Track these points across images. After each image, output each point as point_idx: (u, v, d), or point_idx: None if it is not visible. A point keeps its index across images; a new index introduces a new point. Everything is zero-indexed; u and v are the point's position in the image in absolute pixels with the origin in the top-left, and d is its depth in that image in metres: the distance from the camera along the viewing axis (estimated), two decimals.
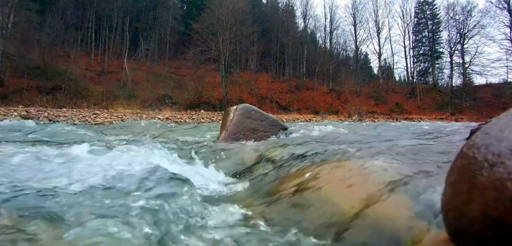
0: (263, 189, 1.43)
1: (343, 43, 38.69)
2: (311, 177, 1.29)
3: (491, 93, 26.71)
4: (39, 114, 9.18)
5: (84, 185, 1.24)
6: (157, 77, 27.17)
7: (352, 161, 1.35)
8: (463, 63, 28.99)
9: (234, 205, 1.22)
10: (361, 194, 1.01)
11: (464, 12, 28.62)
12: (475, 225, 0.47)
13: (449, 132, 3.69)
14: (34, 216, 0.92)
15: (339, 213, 0.97)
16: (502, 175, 0.45)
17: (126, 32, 28.76)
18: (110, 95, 21.39)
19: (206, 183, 1.57)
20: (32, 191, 1.16)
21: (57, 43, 23.49)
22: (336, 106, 26.72)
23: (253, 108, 3.56)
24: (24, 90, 18.05)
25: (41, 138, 3.92)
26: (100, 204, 1.05)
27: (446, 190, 0.57)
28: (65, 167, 1.54)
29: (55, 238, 0.83)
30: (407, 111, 26.19)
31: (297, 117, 18.27)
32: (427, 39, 34.04)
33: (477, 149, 0.52)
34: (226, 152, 2.24)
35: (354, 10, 35.17)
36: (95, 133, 5.09)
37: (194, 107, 22.09)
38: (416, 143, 2.21)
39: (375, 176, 1.12)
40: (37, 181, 1.31)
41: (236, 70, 27.25)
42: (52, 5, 24.14)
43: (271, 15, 36.75)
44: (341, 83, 30.23)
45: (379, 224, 0.85)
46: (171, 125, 8.27)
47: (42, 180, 1.32)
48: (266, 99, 26.59)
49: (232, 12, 25.69)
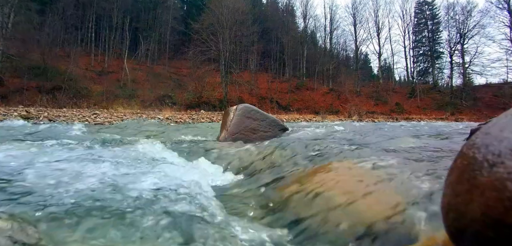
0: (262, 188, 1.43)
1: (343, 43, 38.76)
2: (311, 177, 1.28)
3: (491, 93, 26.70)
4: (39, 114, 9.18)
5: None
6: (157, 77, 27.17)
7: (352, 160, 1.35)
8: (463, 63, 28.98)
9: (233, 204, 1.22)
10: (361, 194, 1.01)
11: (464, 12, 28.66)
12: (475, 225, 0.47)
13: (450, 132, 3.69)
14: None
15: (338, 213, 0.97)
16: (502, 175, 0.45)
17: (126, 32, 28.76)
18: (110, 95, 21.39)
19: (205, 183, 1.57)
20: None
21: (57, 43, 23.48)
22: (336, 107, 26.73)
23: (253, 108, 3.56)
24: (24, 90, 18.05)
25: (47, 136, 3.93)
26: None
27: (446, 190, 0.57)
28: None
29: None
30: (407, 111, 26.20)
31: (297, 118, 18.28)
32: (427, 39, 34.04)
33: (477, 149, 0.52)
34: (226, 152, 2.24)
35: (354, 10, 35.22)
36: (90, 133, 5.10)
37: (194, 107, 22.10)
38: (416, 143, 2.21)
39: (374, 175, 1.12)
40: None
41: (236, 70, 27.23)
42: (52, 5, 24.15)
43: (271, 15, 36.76)
44: (341, 83, 30.23)
45: (379, 224, 0.85)
46: (171, 124, 8.27)
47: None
48: (266, 99, 26.60)
49: (232, 12, 25.68)
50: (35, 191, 1.17)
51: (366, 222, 0.88)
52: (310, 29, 38.27)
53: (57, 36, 23.57)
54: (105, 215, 0.95)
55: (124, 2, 29.45)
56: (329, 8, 44.15)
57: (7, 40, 19.12)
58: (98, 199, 1.09)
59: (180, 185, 1.28)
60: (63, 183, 1.26)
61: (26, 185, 1.25)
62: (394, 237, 0.80)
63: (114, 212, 0.98)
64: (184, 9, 38.59)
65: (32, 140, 3.02)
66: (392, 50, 40.80)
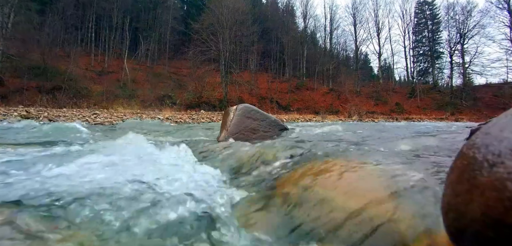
0: (262, 188, 1.43)
1: (343, 43, 38.80)
2: (311, 177, 1.28)
3: (491, 93, 26.70)
4: (39, 114, 9.18)
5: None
6: (157, 77, 27.18)
7: (351, 160, 1.34)
8: (463, 63, 28.99)
9: (232, 204, 1.22)
10: (361, 193, 1.01)
11: (464, 12, 28.69)
12: (475, 225, 0.47)
13: (450, 132, 3.69)
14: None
15: (338, 213, 0.97)
16: (502, 175, 0.45)
17: (126, 32, 28.77)
18: (110, 95, 21.40)
19: (205, 182, 1.57)
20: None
21: (57, 43, 23.49)
22: (336, 107, 26.75)
23: (253, 108, 3.55)
24: (24, 90, 18.06)
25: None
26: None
27: (446, 190, 0.57)
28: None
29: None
30: (407, 111, 26.22)
31: (297, 118, 18.29)
32: (427, 39, 34.06)
33: (477, 149, 0.52)
34: (225, 152, 2.24)
35: (354, 10, 35.27)
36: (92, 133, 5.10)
37: (194, 107, 22.11)
38: (416, 143, 2.21)
39: (374, 175, 1.12)
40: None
41: (236, 70, 27.24)
42: (52, 5, 24.16)
43: (271, 15, 36.78)
44: (341, 83, 30.25)
45: (379, 224, 0.85)
46: (171, 124, 8.27)
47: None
48: (266, 99, 26.61)
49: (232, 12, 25.70)
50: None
51: (365, 221, 0.88)
52: (310, 29, 38.35)
53: (57, 36, 23.59)
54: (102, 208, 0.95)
55: (124, 2, 29.47)
56: (329, 8, 44.29)
57: (7, 40, 19.12)
58: (96, 198, 1.10)
59: (180, 184, 1.28)
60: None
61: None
62: (394, 236, 0.80)
63: (112, 210, 0.98)
64: (184, 9, 38.61)
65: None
66: (392, 50, 40.93)
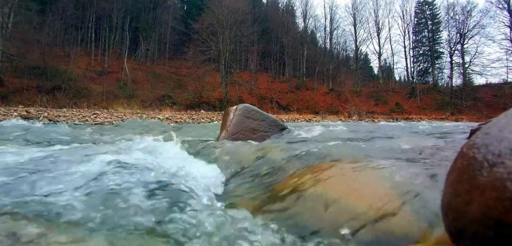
0: (261, 188, 1.43)
1: (343, 43, 38.77)
2: (310, 177, 1.28)
3: (491, 93, 26.70)
4: (39, 114, 9.18)
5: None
6: (157, 77, 27.18)
7: (351, 161, 1.34)
8: (463, 63, 28.99)
9: (232, 204, 1.22)
10: (360, 193, 1.01)
11: (464, 12, 28.68)
12: (475, 225, 0.47)
13: (450, 132, 3.69)
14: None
15: (337, 213, 0.97)
16: (502, 175, 0.45)
17: (126, 32, 28.76)
18: (110, 95, 21.40)
19: (205, 182, 1.57)
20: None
21: (57, 43, 23.50)
22: (336, 107, 26.74)
23: (253, 108, 3.55)
24: (24, 90, 18.06)
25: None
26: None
27: (446, 190, 0.57)
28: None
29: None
30: (407, 111, 26.22)
31: (297, 118, 18.30)
32: (427, 39, 34.04)
33: (477, 149, 0.52)
34: (225, 152, 2.24)
35: (354, 10, 35.23)
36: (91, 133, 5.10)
37: (194, 107, 22.11)
38: (415, 143, 2.21)
39: (373, 175, 1.12)
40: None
41: (236, 70, 27.26)
42: (52, 5, 24.16)
43: (271, 15, 36.76)
44: (341, 83, 30.23)
45: (378, 224, 0.85)
46: (171, 124, 8.27)
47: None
48: (266, 99, 26.61)
49: (232, 12, 25.71)
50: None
51: (364, 221, 0.88)
52: (310, 29, 38.33)
53: (57, 36, 23.60)
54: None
55: (124, 2, 29.46)
56: (329, 8, 44.14)
57: (7, 40, 19.12)
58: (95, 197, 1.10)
59: (179, 184, 1.28)
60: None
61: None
62: (394, 236, 0.80)
63: (112, 209, 0.98)
64: (184, 9, 38.59)
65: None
66: (392, 50, 40.84)
